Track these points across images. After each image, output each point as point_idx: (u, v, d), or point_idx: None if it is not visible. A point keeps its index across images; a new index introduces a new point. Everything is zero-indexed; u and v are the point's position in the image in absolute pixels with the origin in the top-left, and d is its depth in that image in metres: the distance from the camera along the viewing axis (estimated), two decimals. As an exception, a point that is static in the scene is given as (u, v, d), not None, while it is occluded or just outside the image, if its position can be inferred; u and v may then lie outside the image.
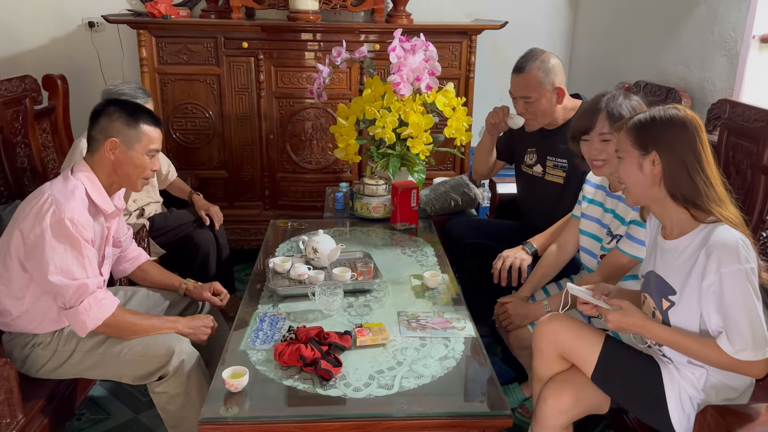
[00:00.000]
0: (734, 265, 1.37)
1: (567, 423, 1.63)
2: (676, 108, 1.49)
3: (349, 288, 1.99)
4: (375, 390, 1.51)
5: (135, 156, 1.80)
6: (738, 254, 1.38)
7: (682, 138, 1.45)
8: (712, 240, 1.41)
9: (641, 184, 1.50)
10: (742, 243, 1.39)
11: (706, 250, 1.41)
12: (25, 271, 1.73)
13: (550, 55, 2.23)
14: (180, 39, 3.13)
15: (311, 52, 3.18)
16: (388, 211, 2.65)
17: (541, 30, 3.76)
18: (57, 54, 3.53)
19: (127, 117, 1.79)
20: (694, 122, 1.46)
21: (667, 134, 1.46)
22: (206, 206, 2.79)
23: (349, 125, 2.62)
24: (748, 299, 1.37)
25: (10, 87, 2.64)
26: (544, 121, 2.29)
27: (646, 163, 1.47)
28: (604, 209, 1.97)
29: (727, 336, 1.39)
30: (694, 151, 1.44)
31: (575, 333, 1.65)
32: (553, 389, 1.64)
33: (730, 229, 1.41)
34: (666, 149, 1.45)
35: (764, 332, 1.38)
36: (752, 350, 1.37)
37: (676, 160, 1.45)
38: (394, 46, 2.51)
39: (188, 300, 2.13)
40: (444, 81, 2.73)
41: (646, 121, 1.49)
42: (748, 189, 2.08)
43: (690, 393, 1.51)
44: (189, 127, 3.27)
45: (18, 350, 1.81)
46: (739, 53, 2.39)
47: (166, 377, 1.75)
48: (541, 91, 2.21)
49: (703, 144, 1.46)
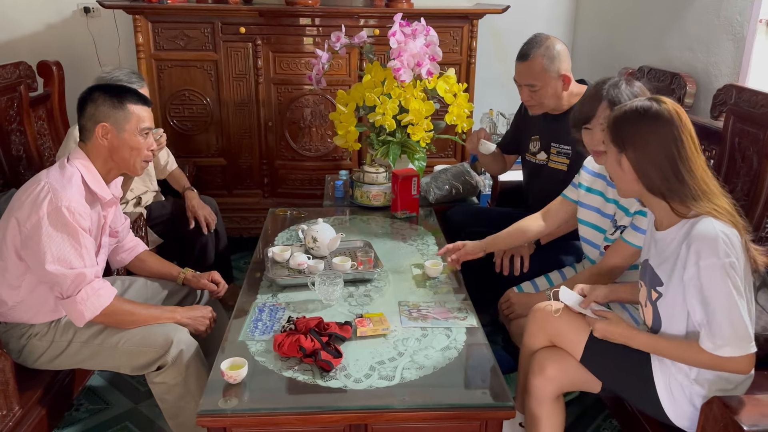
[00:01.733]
0: (712, 259, 1.36)
1: (555, 392, 1.64)
2: (654, 100, 1.47)
3: (349, 278, 1.96)
4: (376, 381, 1.49)
5: (128, 138, 1.77)
6: (717, 247, 1.36)
7: (657, 134, 1.43)
8: (693, 232, 1.40)
9: (623, 179, 1.51)
10: (723, 236, 1.37)
11: (687, 242, 1.41)
12: (21, 260, 1.71)
13: (556, 40, 2.19)
14: (176, 24, 3.08)
15: (310, 38, 3.13)
16: (388, 200, 2.62)
17: (544, 14, 3.71)
18: (52, 40, 3.48)
19: (112, 99, 1.76)
20: (673, 115, 1.43)
21: (639, 130, 1.44)
22: (194, 209, 2.64)
23: (349, 112, 2.59)
24: (727, 294, 1.36)
25: (4, 73, 2.60)
26: (549, 107, 2.25)
27: (624, 160, 1.48)
28: (606, 199, 1.94)
29: (708, 331, 1.38)
30: (670, 145, 1.42)
31: (565, 319, 1.65)
32: (540, 358, 1.66)
33: (714, 221, 1.39)
34: (638, 147, 1.44)
35: (746, 327, 1.36)
36: (733, 346, 1.36)
37: (649, 157, 1.44)
38: (394, 30, 2.47)
39: (186, 289, 2.11)
40: (445, 66, 2.70)
41: (621, 117, 1.48)
42: (755, 175, 2.05)
43: (681, 381, 1.50)
44: (186, 114, 3.23)
45: (14, 341, 1.79)
46: (745, 37, 2.35)
47: (164, 367, 1.73)
48: (547, 78, 2.17)
49: (683, 137, 1.43)
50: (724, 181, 2.18)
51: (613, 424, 2.12)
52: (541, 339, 1.71)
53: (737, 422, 1.28)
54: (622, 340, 1.53)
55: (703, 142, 2.34)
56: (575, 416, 2.16)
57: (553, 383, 1.63)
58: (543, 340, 1.71)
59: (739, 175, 2.13)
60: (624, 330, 1.53)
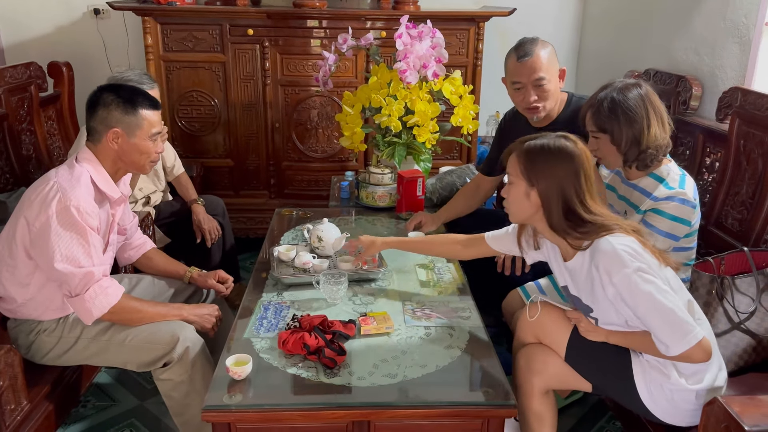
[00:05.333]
0: (622, 271, 1.42)
1: (542, 386, 1.66)
2: (567, 139, 1.52)
3: (354, 277, 1.97)
4: (379, 379, 1.50)
5: (138, 142, 1.78)
6: (621, 259, 1.42)
7: (564, 171, 1.48)
8: (596, 253, 1.46)
9: (526, 211, 1.56)
10: (621, 247, 1.43)
11: (595, 264, 1.47)
12: (30, 258, 1.73)
13: None
14: (185, 26, 3.11)
15: (317, 40, 3.15)
16: (393, 200, 2.64)
17: (550, 17, 3.71)
18: (62, 41, 3.52)
19: (124, 104, 1.76)
20: (580, 152, 1.50)
21: (550, 168, 1.49)
22: (200, 224, 2.69)
23: (355, 113, 2.60)
24: (649, 298, 1.40)
25: (15, 74, 2.63)
26: (552, 106, 2.23)
27: (534, 194, 1.52)
28: (618, 195, 1.95)
29: (654, 336, 1.44)
30: (575, 185, 1.48)
31: (549, 318, 1.68)
32: (527, 353, 1.69)
33: (608, 238, 1.45)
34: (547, 184, 1.49)
35: (682, 320, 1.40)
36: (678, 342, 1.40)
37: (555, 194, 1.49)
38: (400, 32, 2.48)
39: (193, 288, 2.12)
40: (451, 68, 2.71)
41: (536, 151, 1.52)
42: (759, 178, 2.05)
43: (659, 380, 1.53)
44: (194, 115, 3.25)
45: (23, 337, 1.81)
46: (751, 40, 2.35)
47: (170, 364, 1.75)
48: (553, 70, 2.16)
49: (587, 177, 1.49)
50: (729, 184, 2.19)
51: (616, 426, 2.12)
52: (530, 337, 1.74)
53: (739, 423, 1.29)
54: (603, 334, 1.57)
55: (708, 144, 2.35)
56: (578, 418, 2.16)
57: (540, 377, 1.65)
58: (531, 338, 1.73)
59: (744, 177, 2.13)
60: (602, 329, 1.58)
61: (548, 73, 2.16)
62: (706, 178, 2.33)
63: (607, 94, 1.81)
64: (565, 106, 2.26)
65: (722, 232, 2.18)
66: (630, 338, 1.55)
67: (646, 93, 1.81)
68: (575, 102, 2.27)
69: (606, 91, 1.83)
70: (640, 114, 1.77)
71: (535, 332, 1.72)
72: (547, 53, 2.16)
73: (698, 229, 1.90)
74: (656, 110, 1.81)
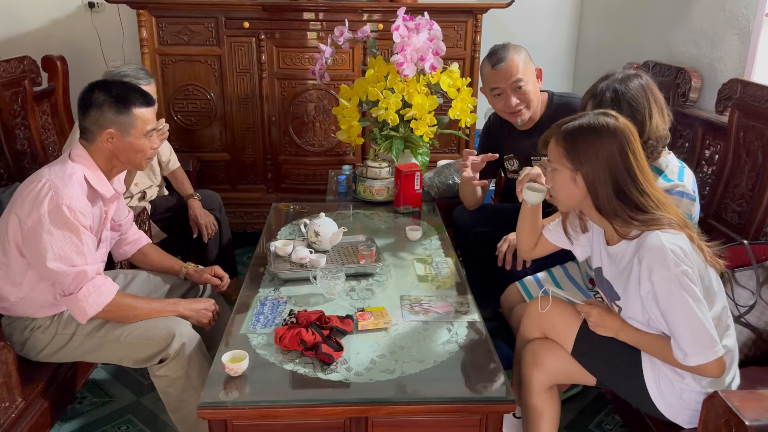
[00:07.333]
0: (663, 272, 1.38)
1: (548, 382, 1.65)
2: (606, 115, 1.47)
3: (351, 272, 1.96)
4: (376, 374, 1.49)
5: (133, 141, 1.76)
6: (666, 260, 1.37)
7: (609, 149, 1.43)
8: (642, 247, 1.42)
9: (575, 197, 1.51)
10: (670, 247, 1.38)
11: (639, 257, 1.42)
12: (22, 256, 1.71)
13: None
14: (180, 19, 3.08)
15: (313, 32, 3.13)
16: (391, 194, 2.62)
17: (548, 8, 3.69)
18: (57, 35, 3.49)
19: (117, 104, 1.72)
20: (624, 130, 1.44)
21: (593, 148, 1.44)
22: (197, 219, 2.66)
23: (352, 107, 2.58)
24: (684, 305, 1.37)
25: (9, 68, 2.61)
26: (533, 108, 2.23)
27: (579, 178, 1.47)
28: None
29: (675, 342, 1.41)
30: (624, 162, 1.43)
31: (557, 312, 1.66)
32: (533, 348, 1.67)
33: (659, 234, 1.40)
34: (593, 165, 1.44)
35: (709, 334, 1.37)
36: (698, 354, 1.38)
37: (603, 174, 1.43)
38: (397, 25, 2.45)
39: (189, 283, 2.11)
40: (449, 61, 2.69)
41: (576, 133, 1.46)
42: (759, 170, 2.03)
43: (669, 377, 1.51)
44: (190, 108, 3.23)
45: (17, 334, 1.80)
46: (750, 32, 2.33)
47: (166, 360, 1.74)
48: (529, 72, 2.19)
49: (635, 152, 1.44)
50: (729, 176, 2.18)
51: (615, 420, 2.11)
52: (535, 332, 1.72)
53: (739, 417, 1.28)
54: (613, 330, 1.54)
55: (707, 136, 2.34)
56: (577, 412, 2.15)
57: (546, 373, 1.64)
58: (537, 332, 1.72)
59: (744, 170, 2.11)
60: (616, 318, 1.54)
61: (525, 74, 2.17)
62: (706, 170, 2.32)
63: (609, 85, 1.79)
64: (548, 106, 2.27)
65: (722, 225, 2.17)
66: (642, 338, 1.51)
67: (647, 83, 1.79)
68: (557, 100, 2.28)
69: (607, 81, 1.81)
70: (642, 104, 1.75)
71: (541, 326, 1.70)
72: (521, 56, 2.17)
73: (698, 222, 1.88)
74: (657, 101, 1.79)
